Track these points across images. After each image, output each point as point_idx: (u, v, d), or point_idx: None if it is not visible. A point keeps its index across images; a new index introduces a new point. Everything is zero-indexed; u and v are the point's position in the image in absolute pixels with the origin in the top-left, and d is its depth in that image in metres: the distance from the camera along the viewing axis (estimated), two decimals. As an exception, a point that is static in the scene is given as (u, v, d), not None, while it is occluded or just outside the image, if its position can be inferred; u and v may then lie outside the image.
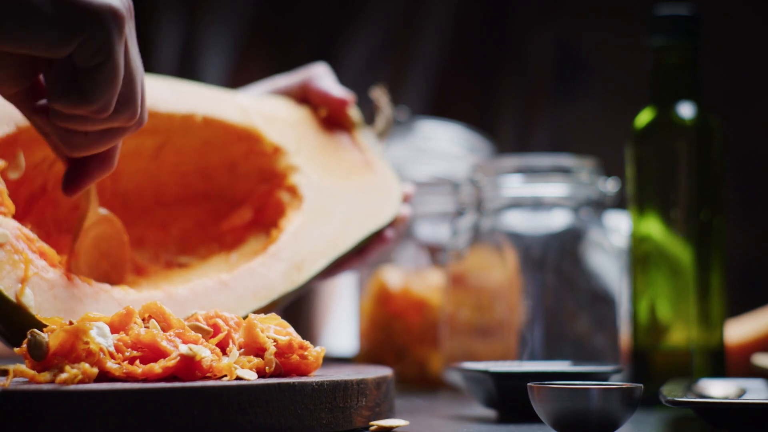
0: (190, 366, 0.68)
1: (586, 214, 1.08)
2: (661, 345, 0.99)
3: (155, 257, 0.94)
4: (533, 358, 1.04)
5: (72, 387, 0.63)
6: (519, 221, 1.08)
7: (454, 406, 0.99)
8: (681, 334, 0.99)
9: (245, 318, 0.74)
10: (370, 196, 0.99)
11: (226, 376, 0.69)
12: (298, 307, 1.77)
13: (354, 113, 1.03)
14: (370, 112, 1.07)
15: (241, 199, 0.98)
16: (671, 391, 0.78)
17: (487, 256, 1.09)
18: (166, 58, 1.67)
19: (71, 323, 0.69)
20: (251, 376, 0.70)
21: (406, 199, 1.02)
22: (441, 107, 1.91)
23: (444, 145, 1.32)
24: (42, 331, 0.68)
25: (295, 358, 0.73)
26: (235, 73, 1.71)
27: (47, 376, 0.66)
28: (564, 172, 1.08)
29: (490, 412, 0.90)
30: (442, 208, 1.26)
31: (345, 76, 1.05)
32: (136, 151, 0.94)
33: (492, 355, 1.07)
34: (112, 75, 0.70)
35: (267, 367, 0.72)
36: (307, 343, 0.74)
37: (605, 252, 1.07)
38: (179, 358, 0.68)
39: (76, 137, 0.74)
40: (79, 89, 0.70)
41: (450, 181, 1.25)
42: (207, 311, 0.75)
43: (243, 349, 0.73)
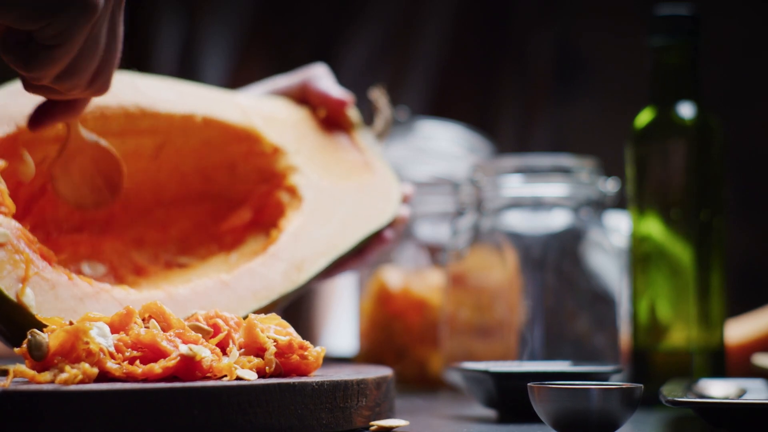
0: (190, 366, 0.68)
1: (586, 214, 1.08)
2: (661, 345, 0.99)
3: (155, 257, 0.94)
4: (533, 358, 1.04)
5: (72, 387, 0.63)
6: (519, 221, 1.08)
7: (454, 406, 0.99)
8: (681, 334, 0.99)
9: (245, 318, 0.74)
10: (369, 197, 0.99)
11: (226, 376, 0.69)
12: (298, 307, 1.77)
13: (353, 114, 1.03)
14: (370, 113, 1.07)
15: (240, 199, 0.98)
16: (671, 391, 0.78)
17: (487, 256, 1.09)
18: (166, 58, 1.67)
19: (71, 323, 0.69)
20: (251, 376, 0.70)
21: (406, 199, 1.02)
22: (441, 107, 1.91)
23: (444, 145, 1.32)
24: (42, 331, 0.68)
25: (295, 358, 0.73)
26: (235, 73, 1.71)
27: (47, 376, 0.66)
28: (564, 172, 1.08)
29: (490, 412, 0.90)
30: (442, 208, 1.26)
31: (345, 76, 1.05)
32: (136, 152, 0.94)
33: (492, 355, 1.07)
34: (59, 59, 0.71)
35: (267, 367, 0.72)
36: (307, 343, 0.74)
37: (605, 252, 1.07)
38: (179, 358, 0.68)
39: (25, 81, 0.75)
40: (25, 55, 0.71)
41: (450, 181, 1.25)
42: (207, 311, 0.75)
43: (243, 349, 0.73)
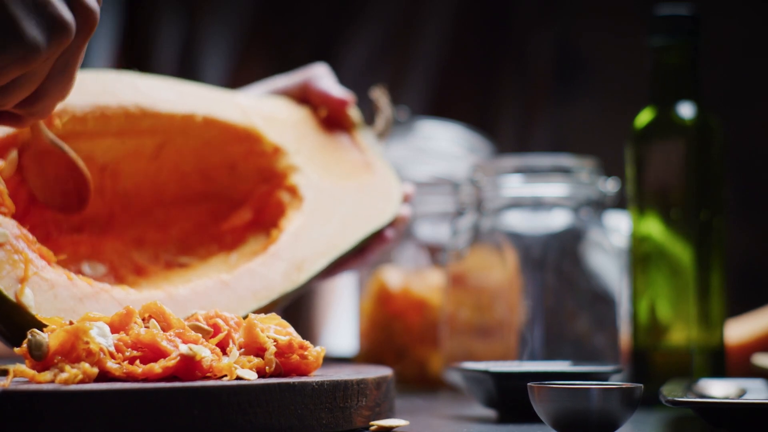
0: (190, 366, 0.68)
1: (586, 214, 1.08)
2: (661, 345, 0.99)
3: (155, 257, 0.94)
4: (533, 358, 1.04)
5: (72, 387, 0.63)
6: (519, 221, 1.08)
7: (454, 406, 0.99)
8: (681, 334, 0.99)
9: (245, 318, 0.74)
10: (370, 197, 0.99)
11: (226, 376, 0.69)
12: (298, 307, 1.77)
13: (354, 113, 1.03)
14: (370, 112, 1.07)
15: (241, 199, 0.98)
16: (671, 391, 0.78)
17: (487, 256, 1.09)
18: (166, 58, 1.67)
19: (71, 323, 0.69)
20: (251, 376, 0.70)
21: (406, 199, 1.02)
22: (441, 107, 1.91)
23: (444, 145, 1.32)
24: (42, 331, 0.68)
25: (295, 358, 0.73)
26: (235, 73, 1.71)
27: (47, 376, 0.66)
28: (564, 172, 1.08)
29: (490, 412, 0.90)
30: (442, 208, 1.26)
31: (345, 76, 1.05)
32: (136, 152, 0.94)
33: (492, 355, 1.07)
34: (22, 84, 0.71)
35: (267, 367, 0.72)
36: (307, 343, 0.74)
37: (605, 252, 1.07)
38: (179, 358, 0.68)
39: None
40: None
41: (450, 181, 1.25)
42: (207, 311, 0.75)
43: (243, 349, 0.73)
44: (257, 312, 0.87)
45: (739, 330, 1.17)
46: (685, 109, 1.01)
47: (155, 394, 0.64)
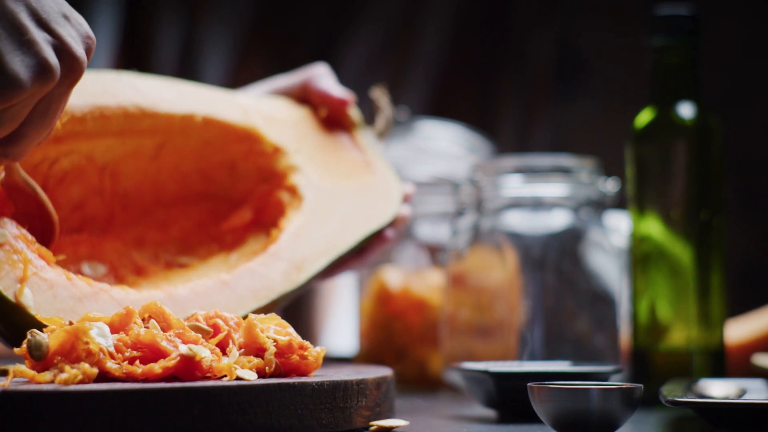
0: (190, 366, 0.68)
1: (586, 214, 1.08)
2: (661, 345, 0.99)
3: (155, 257, 0.94)
4: (533, 358, 1.04)
5: (72, 387, 0.63)
6: (519, 221, 1.08)
7: (454, 406, 0.99)
8: (681, 334, 0.99)
9: (245, 318, 0.74)
10: (370, 196, 0.99)
11: (226, 376, 0.69)
12: (298, 307, 1.77)
13: (354, 113, 1.03)
14: (370, 112, 1.07)
15: (241, 199, 0.98)
16: (671, 391, 0.78)
17: (487, 256, 1.09)
18: (166, 58, 1.67)
19: (71, 323, 0.69)
20: (251, 376, 0.70)
21: (407, 199, 1.02)
22: (441, 107, 1.91)
23: (444, 145, 1.32)
24: (42, 331, 0.68)
25: (295, 358, 0.73)
26: (235, 73, 1.71)
27: (47, 376, 0.66)
28: (564, 172, 1.08)
29: (490, 412, 0.90)
30: (442, 208, 1.26)
31: (345, 76, 1.05)
32: (136, 152, 0.93)
33: (492, 355, 1.07)
34: None
35: (267, 367, 0.72)
36: (307, 343, 0.74)
37: (605, 252, 1.07)
38: (179, 358, 0.68)
39: None
40: None
41: (450, 181, 1.25)
42: (207, 311, 0.75)
43: (243, 349, 0.73)
44: (257, 312, 0.87)
45: (739, 330, 1.17)
46: (685, 109, 1.01)
47: (155, 394, 0.63)
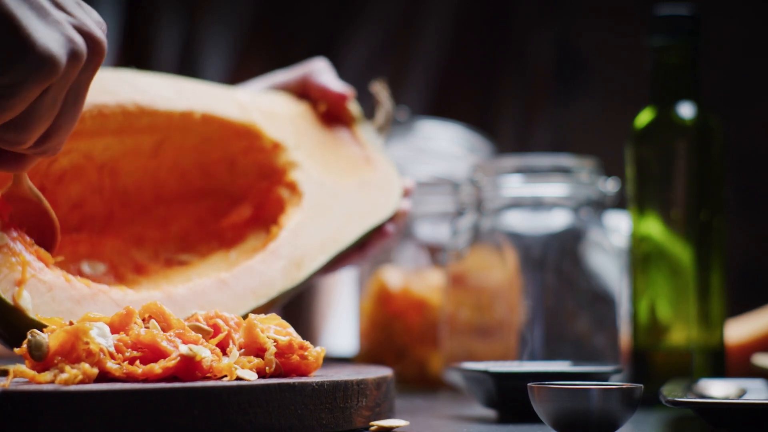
0: (190, 366, 0.68)
1: (586, 214, 1.08)
2: (661, 345, 0.99)
3: (155, 255, 0.94)
4: (533, 358, 1.04)
5: (72, 387, 0.63)
6: (519, 221, 1.08)
7: (454, 406, 0.99)
8: (681, 334, 0.99)
9: (245, 318, 0.74)
10: (370, 191, 0.99)
11: (226, 376, 0.69)
12: (298, 307, 1.77)
13: (354, 108, 1.02)
14: (370, 110, 1.06)
15: (240, 195, 0.98)
16: (671, 391, 0.78)
17: (487, 256, 1.09)
18: (166, 58, 1.67)
19: (71, 323, 0.69)
20: (251, 377, 0.70)
21: (407, 193, 1.02)
22: (441, 107, 1.91)
23: (444, 145, 1.32)
24: (42, 331, 0.68)
25: (295, 358, 0.73)
26: (235, 73, 1.72)
27: (47, 376, 0.66)
28: (564, 172, 1.08)
29: (490, 412, 0.90)
30: (442, 208, 1.26)
31: (345, 76, 1.04)
32: (135, 149, 0.93)
33: (492, 355, 1.07)
34: (4, 110, 0.69)
35: (267, 368, 0.72)
36: (307, 343, 0.74)
37: (605, 252, 1.07)
38: (179, 358, 0.68)
39: None
40: None
41: (450, 181, 1.25)
42: (207, 311, 0.75)
43: (243, 350, 0.73)
44: (257, 310, 0.87)
45: (739, 330, 1.17)
46: (685, 109, 1.01)
47: (155, 394, 0.63)
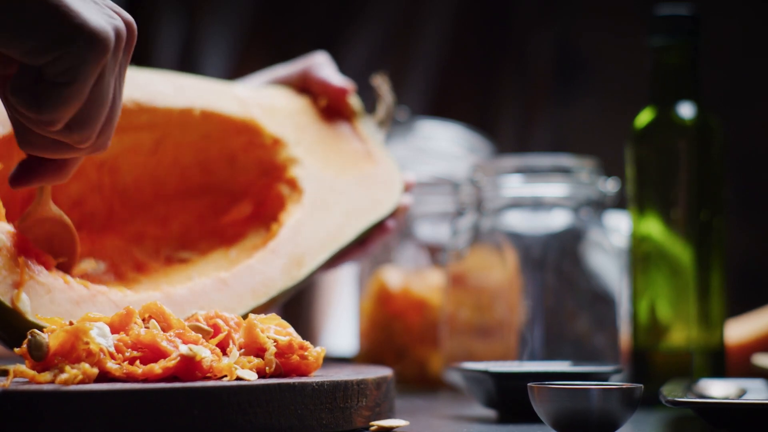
0: (190, 366, 0.68)
1: (586, 214, 1.08)
2: (661, 345, 0.99)
3: (155, 253, 0.93)
4: (533, 358, 1.04)
5: (72, 387, 0.63)
6: (519, 221, 1.08)
7: (454, 406, 0.99)
8: (681, 334, 0.99)
9: (245, 318, 0.74)
10: (371, 187, 0.98)
11: (226, 376, 0.69)
12: (298, 307, 1.77)
13: (354, 102, 1.02)
14: (371, 106, 1.06)
15: (241, 192, 0.97)
16: (671, 391, 0.78)
17: (487, 256, 1.09)
18: (166, 58, 1.67)
19: (71, 323, 0.69)
20: (251, 377, 0.70)
21: (408, 188, 1.02)
22: (441, 107, 1.91)
23: (444, 145, 1.32)
24: (42, 331, 0.68)
25: (295, 358, 0.73)
26: (235, 73, 1.71)
27: (47, 376, 0.66)
28: (564, 172, 1.08)
29: (490, 412, 0.90)
30: (442, 208, 1.26)
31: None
32: (135, 146, 0.93)
33: (492, 355, 1.07)
34: (70, 97, 0.69)
35: (267, 368, 0.72)
36: (307, 343, 0.74)
37: (605, 252, 1.07)
38: (179, 358, 0.68)
39: (29, 133, 0.72)
40: (35, 95, 0.68)
41: (450, 181, 1.25)
42: (207, 311, 0.75)
43: (243, 350, 0.73)
44: (257, 309, 0.87)
45: (739, 330, 1.17)
46: (685, 109, 1.01)
47: (155, 394, 0.63)
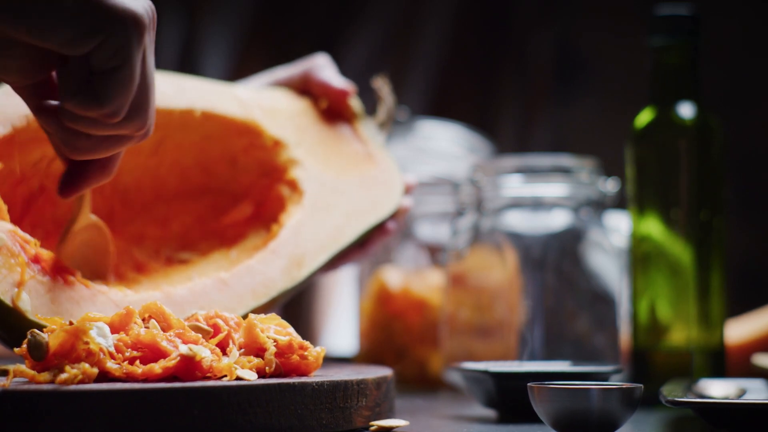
0: (190, 366, 0.68)
1: (586, 214, 1.08)
2: (661, 345, 0.99)
3: (156, 253, 0.94)
4: (533, 358, 1.04)
5: (72, 387, 0.63)
6: (519, 221, 1.08)
7: (454, 406, 0.99)
8: (681, 334, 0.99)
9: (245, 318, 0.74)
10: (371, 189, 0.98)
11: (226, 376, 0.69)
12: (298, 307, 1.77)
13: (355, 104, 1.02)
14: (372, 107, 1.06)
15: (241, 193, 0.97)
16: (671, 391, 0.78)
17: (487, 256, 1.09)
18: (166, 58, 1.67)
19: (71, 323, 0.69)
20: (251, 376, 0.70)
21: (408, 190, 1.02)
22: (441, 107, 1.91)
23: (444, 145, 1.32)
24: (42, 331, 0.68)
25: (295, 358, 0.73)
26: (235, 73, 1.71)
27: (47, 376, 0.66)
28: (564, 172, 1.08)
29: (490, 412, 0.90)
30: (442, 208, 1.26)
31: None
32: (135, 147, 0.93)
33: (492, 355, 1.07)
34: (127, 80, 0.69)
35: (267, 367, 0.72)
36: (307, 343, 0.74)
37: (605, 252, 1.07)
38: (179, 358, 0.68)
39: (79, 140, 0.73)
40: (93, 91, 0.69)
41: (450, 181, 1.25)
42: (207, 311, 0.75)
43: (243, 350, 0.73)
44: (257, 310, 0.87)
45: (739, 330, 1.17)
46: (685, 109, 1.01)
47: (155, 394, 0.63)
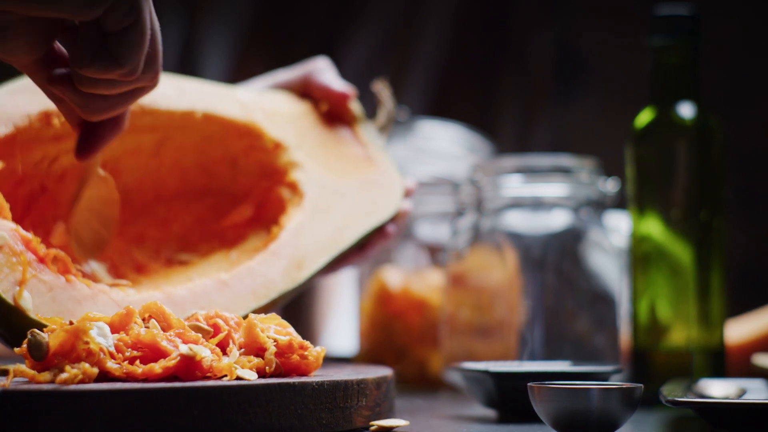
0: (190, 366, 0.68)
1: (586, 214, 1.08)
2: (661, 345, 0.99)
3: (156, 254, 0.94)
4: (533, 358, 1.04)
5: (72, 387, 0.63)
6: (519, 221, 1.08)
7: (454, 406, 0.99)
8: (681, 334, 0.99)
9: (245, 318, 0.74)
10: (371, 192, 0.98)
11: (226, 376, 0.69)
12: (298, 307, 1.77)
13: (355, 107, 1.02)
14: (372, 109, 1.06)
15: (242, 195, 0.98)
16: (671, 391, 0.78)
17: (487, 256, 1.09)
18: (167, 58, 1.67)
19: (71, 323, 0.69)
20: (251, 376, 0.70)
21: (408, 193, 1.02)
22: (441, 107, 1.91)
23: (444, 145, 1.32)
24: (42, 331, 0.68)
25: (295, 358, 0.73)
26: (235, 73, 1.72)
27: (47, 376, 0.66)
28: (564, 172, 1.08)
29: (490, 412, 0.90)
30: (442, 208, 1.26)
31: (345, 76, 1.04)
32: (136, 148, 0.93)
33: (492, 355, 1.07)
34: (140, 36, 0.70)
35: (267, 367, 0.72)
36: (307, 343, 0.74)
37: (605, 252, 1.07)
38: (179, 358, 0.68)
39: (95, 101, 0.74)
40: (109, 53, 0.70)
41: (450, 181, 1.25)
42: (207, 311, 0.75)
43: (243, 349, 0.73)
44: (257, 311, 0.87)
45: (739, 330, 1.17)
46: (685, 109, 1.01)
47: (155, 394, 0.64)
